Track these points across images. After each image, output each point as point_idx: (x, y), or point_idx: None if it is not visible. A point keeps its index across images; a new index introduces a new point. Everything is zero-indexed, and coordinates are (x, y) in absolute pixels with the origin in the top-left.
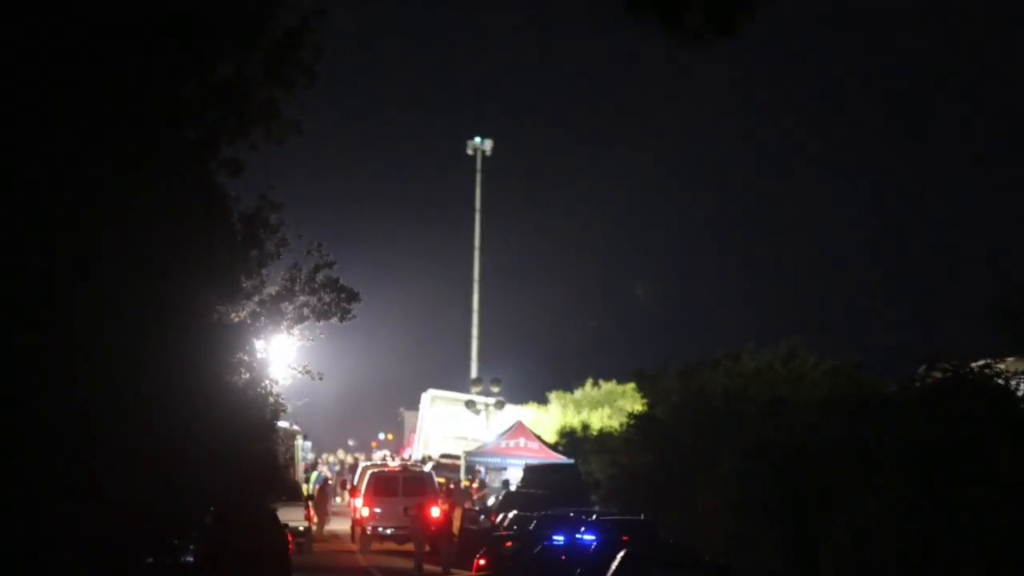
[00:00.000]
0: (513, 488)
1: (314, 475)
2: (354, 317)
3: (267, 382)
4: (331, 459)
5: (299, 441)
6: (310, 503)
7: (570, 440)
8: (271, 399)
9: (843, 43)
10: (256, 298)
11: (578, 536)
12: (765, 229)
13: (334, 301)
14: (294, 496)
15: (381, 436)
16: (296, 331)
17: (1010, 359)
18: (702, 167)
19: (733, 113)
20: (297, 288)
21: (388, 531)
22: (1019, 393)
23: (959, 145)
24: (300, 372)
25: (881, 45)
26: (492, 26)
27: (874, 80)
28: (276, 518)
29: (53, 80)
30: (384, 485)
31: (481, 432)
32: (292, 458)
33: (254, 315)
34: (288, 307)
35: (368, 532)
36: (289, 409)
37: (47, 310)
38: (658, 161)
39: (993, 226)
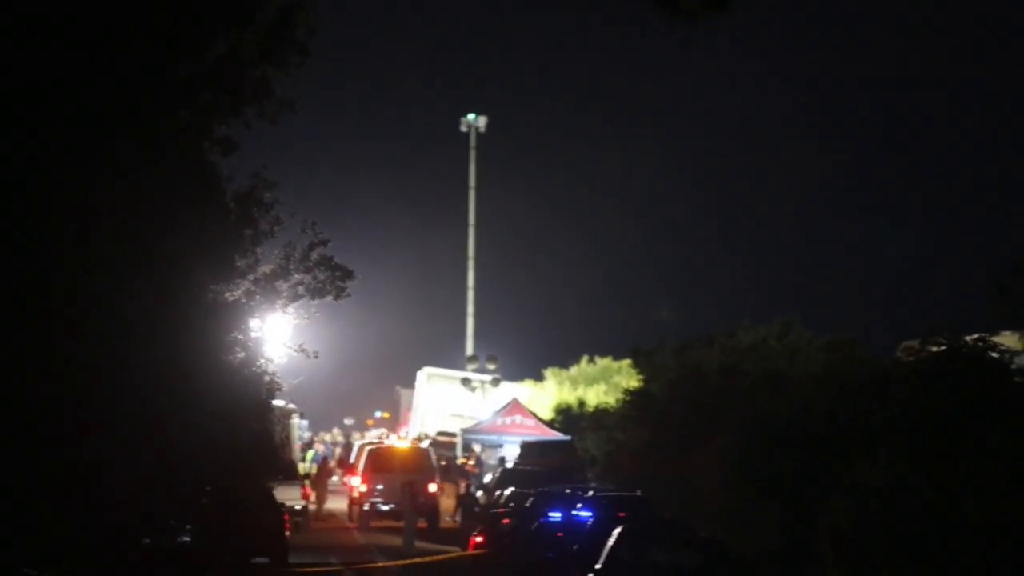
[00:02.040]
0: (509, 465)
1: (310, 454)
2: (349, 295)
3: (262, 361)
4: (327, 438)
5: (295, 420)
6: (307, 482)
7: (566, 417)
8: (266, 378)
9: (846, 17)
10: (251, 277)
11: (575, 513)
12: (761, 206)
13: (329, 279)
14: (291, 475)
15: (377, 414)
16: (291, 310)
17: (1005, 333)
18: (700, 142)
19: (733, 88)
20: (292, 266)
21: (386, 508)
22: (1013, 366)
23: (956, 119)
24: (295, 351)
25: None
26: (487, 2)
27: (865, 52)
28: (273, 497)
29: (45, 58)
30: (382, 462)
31: (477, 409)
32: (288, 437)
33: (249, 294)
34: (283, 286)
35: (366, 509)
36: (285, 388)
37: (39, 291)
38: (656, 136)
39: (990, 202)
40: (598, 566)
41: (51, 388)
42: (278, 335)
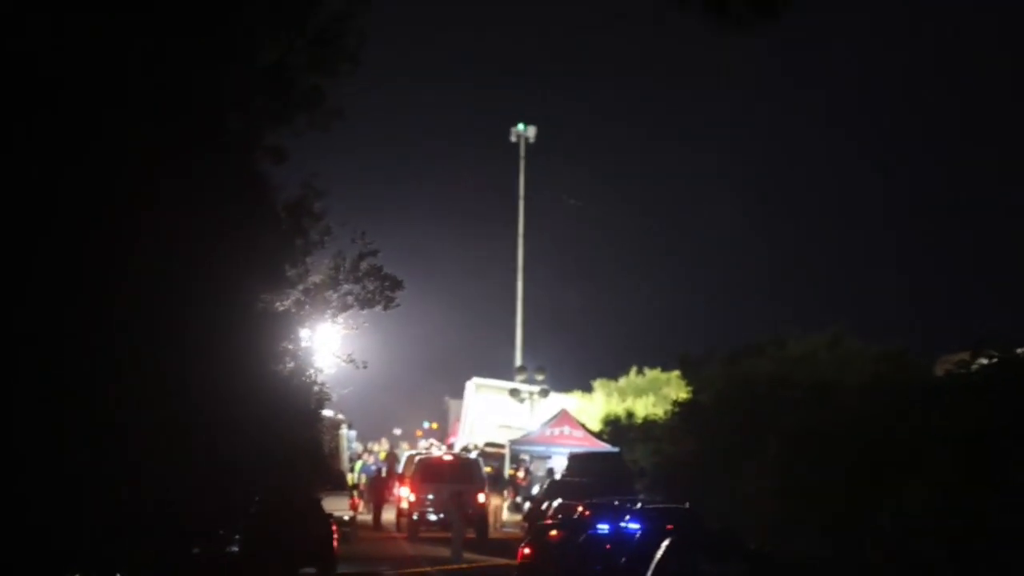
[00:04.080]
0: (558, 477)
1: (359, 464)
2: (398, 305)
3: (312, 371)
4: (376, 448)
5: (344, 430)
6: (355, 493)
7: (615, 428)
8: (316, 388)
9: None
10: (300, 287)
11: (623, 525)
12: (808, 216)
13: (378, 289)
14: (339, 486)
15: (426, 425)
16: (340, 320)
17: None
18: (746, 151)
19: (777, 100)
20: (341, 276)
21: (435, 517)
22: None
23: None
24: (344, 361)
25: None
26: (537, 13)
27: (915, 56)
28: (321, 508)
29: (96, 69)
30: (431, 472)
31: (526, 420)
32: (337, 448)
33: (298, 304)
34: (332, 295)
35: (415, 519)
36: (334, 398)
37: (89, 303)
38: (706, 148)
39: None
40: None
41: (99, 398)
42: (327, 345)
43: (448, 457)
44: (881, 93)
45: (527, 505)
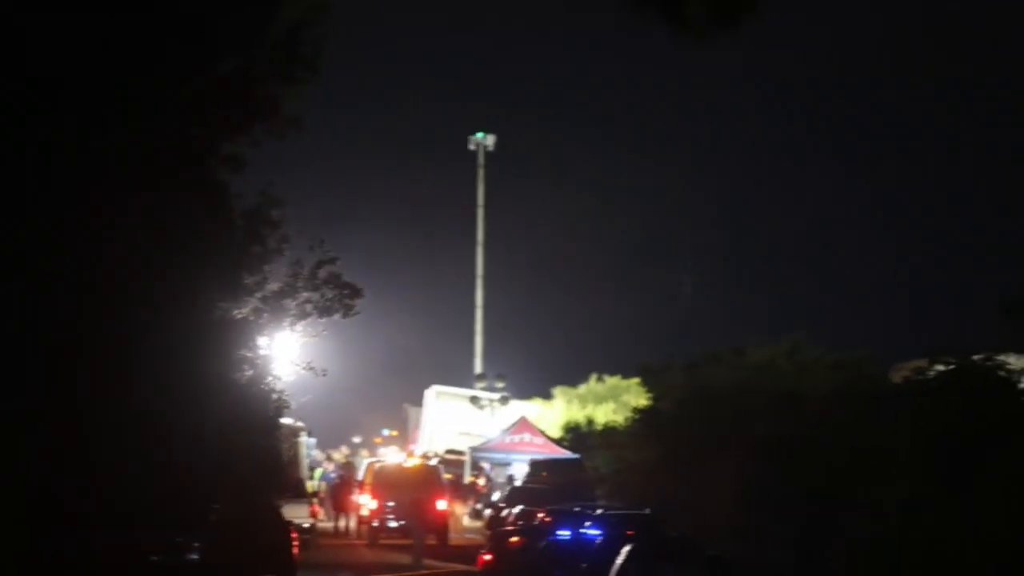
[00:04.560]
0: (518, 483)
1: (318, 472)
2: (357, 313)
3: (270, 379)
4: (337, 456)
5: (303, 438)
6: (315, 500)
7: (575, 435)
8: (274, 396)
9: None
10: (259, 295)
11: (583, 531)
12: (764, 225)
13: (337, 297)
14: (299, 493)
15: (385, 432)
16: (299, 327)
17: (1010, 355)
18: (702, 162)
19: (732, 109)
20: (300, 284)
21: (395, 524)
22: (1021, 386)
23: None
24: (303, 369)
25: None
26: (495, 20)
27: (871, 69)
28: (281, 515)
29: (54, 77)
30: (392, 479)
31: (486, 428)
32: (296, 455)
33: (257, 312)
34: (291, 303)
35: (375, 525)
36: (292, 406)
37: (48, 308)
38: (661, 158)
39: (996, 222)
40: None
41: (55, 404)
42: (286, 353)
43: (408, 464)
44: (841, 96)
45: (487, 512)
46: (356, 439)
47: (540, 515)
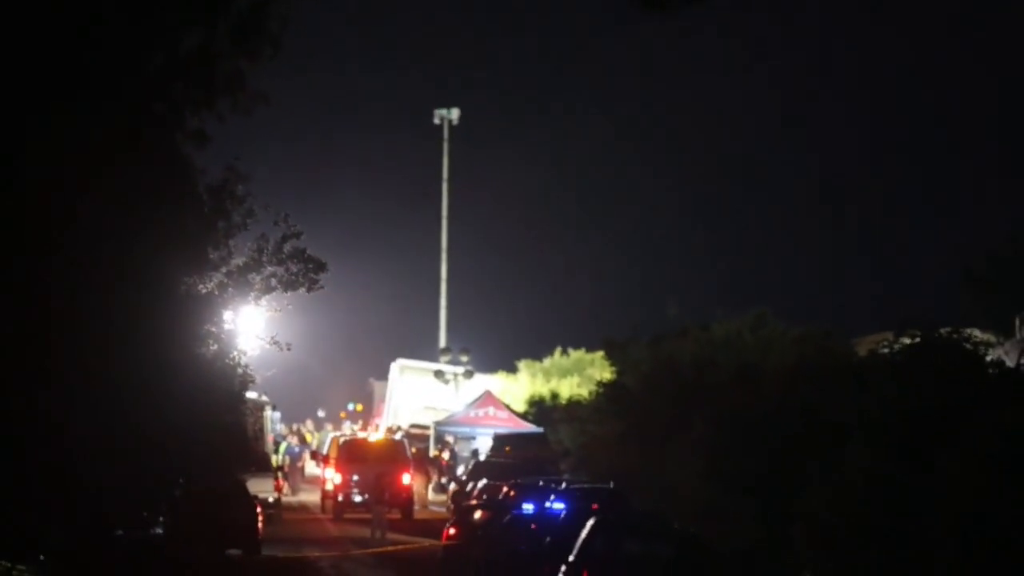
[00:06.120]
0: (482, 458)
1: (283, 446)
2: (322, 287)
3: (235, 353)
4: (303, 431)
5: (268, 412)
6: (279, 474)
7: (539, 409)
8: (239, 370)
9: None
10: (223, 269)
11: (548, 505)
12: (730, 196)
13: (301, 271)
14: (263, 468)
15: (350, 407)
16: (264, 302)
17: (975, 330)
18: (665, 133)
19: (697, 80)
20: (264, 259)
21: (359, 499)
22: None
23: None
24: (268, 343)
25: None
26: None
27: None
28: (246, 490)
29: (16, 53)
30: (356, 453)
31: (450, 402)
32: (261, 430)
33: (222, 286)
34: (256, 278)
35: (340, 500)
36: (258, 380)
37: (10, 284)
38: (622, 130)
39: (963, 195)
40: (571, 558)
41: (24, 380)
42: (251, 327)
43: (373, 438)
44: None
45: (452, 486)
46: (321, 413)
47: (504, 489)
